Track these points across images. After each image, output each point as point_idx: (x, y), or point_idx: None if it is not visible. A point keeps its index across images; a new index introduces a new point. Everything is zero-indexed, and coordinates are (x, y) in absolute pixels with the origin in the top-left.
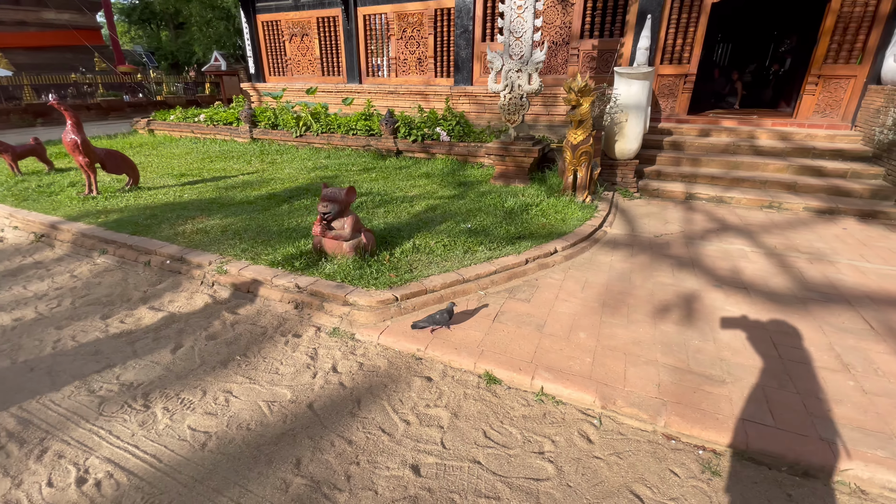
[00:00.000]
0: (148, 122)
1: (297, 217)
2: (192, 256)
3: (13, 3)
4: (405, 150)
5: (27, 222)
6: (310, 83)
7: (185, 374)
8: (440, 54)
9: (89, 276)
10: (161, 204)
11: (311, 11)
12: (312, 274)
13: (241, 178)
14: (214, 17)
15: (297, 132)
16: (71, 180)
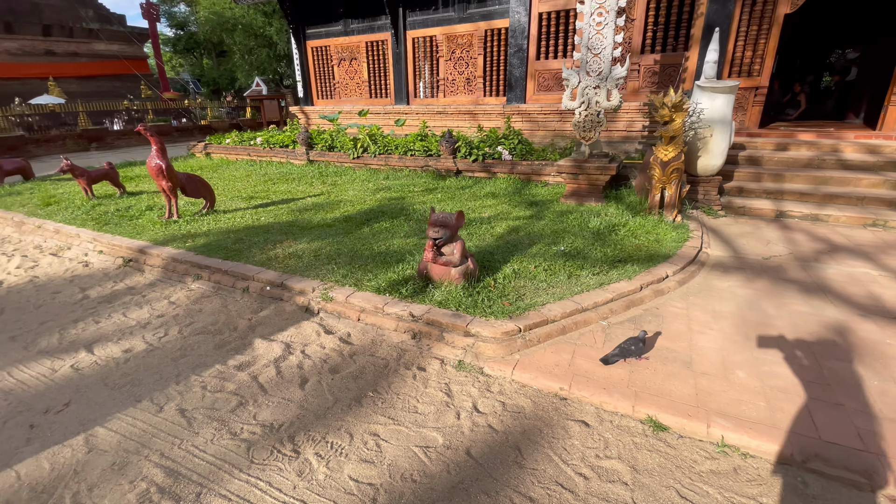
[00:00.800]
0: (205, 146)
1: (382, 241)
2: (293, 282)
3: (67, 35)
4: (465, 170)
5: (113, 247)
6: (357, 105)
7: (322, 412)
8: (490, 74)
9: (188, 303)
10: (242, 227)
11: (361, 36)
12: (423, 301)
13: (310, 201)
14: (256, 45)
15: (354, 154)
16: (148, 204)
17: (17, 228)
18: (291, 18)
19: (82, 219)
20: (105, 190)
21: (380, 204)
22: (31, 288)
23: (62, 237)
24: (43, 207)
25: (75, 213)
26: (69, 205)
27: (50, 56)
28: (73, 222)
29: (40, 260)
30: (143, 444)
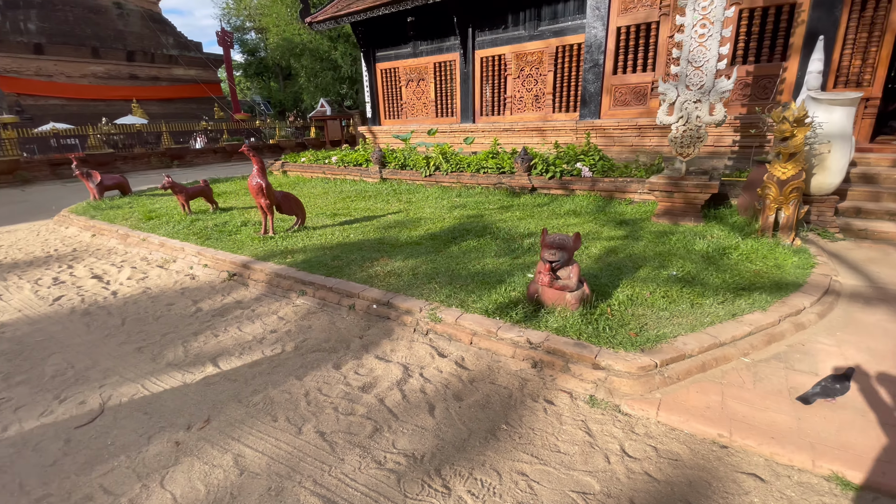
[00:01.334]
0: (282, 164)
1: (474, 260)
2: (399, 301)
3: (149, 61)
4: (540, 187)
5: (217, 261)
6: (424, 124)
7: (460, 444)
8: (560, 90)
9: (297, 319)
10: (334, 244)
11: (429, 57)
12: (538, 327)
13: (391, 218)
14: (322, 69)
15: (426, 172)
16: (242, 220)
17: (121, 241)
18: (363, 42)
19: (184, 233)
20: (199, 206)
21: (459, 222)
22: (146, 299)
23: (167, 250)
24: (145, 221)
25: (176, 227)
26: (169, 219)
27: (133, 80)
28: (176, 236)
29: (149, 272)
30: (293, 468)
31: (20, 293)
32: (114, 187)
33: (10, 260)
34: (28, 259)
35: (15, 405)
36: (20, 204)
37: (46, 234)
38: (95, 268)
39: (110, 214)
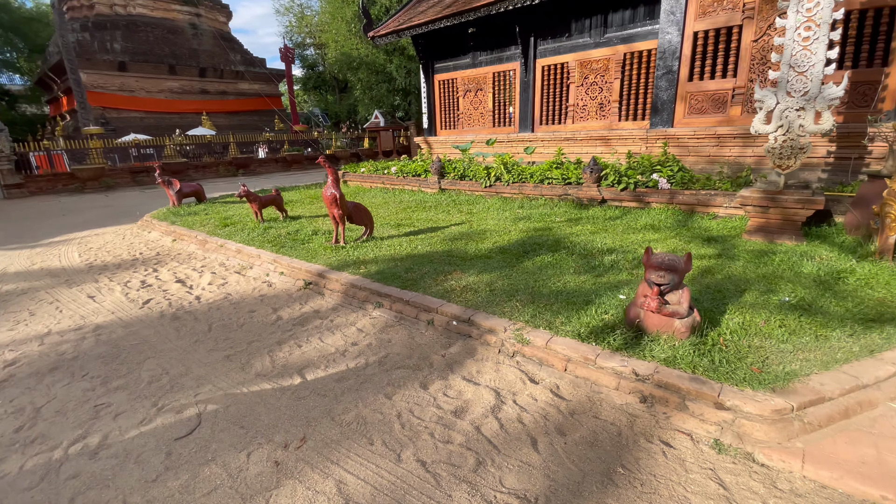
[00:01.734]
0: (343, 174)
1: (553, 277)
2: (481, 319)
3: (218, 76)
4: (611, 199)
5: (292, 269)
6: (481, 134)
7: (574, 488)
8: (627, 97)
9: (375, 332)
10: (404, 255)
11: (488, 67)
12: (643, 357)
13: (455, 230)
14: (377, 81)
15: (486, 182)
16: (313, 228)
17: (200, 246)
18: (422, 54)
19: (259, 240)
20: (268, 214)
21: (527, 235)
22: (228, 305)
23: (244, 257)
24: (221, 228)
25: (251, 234)
26: (244, 227)
27: (204, 94)
28: (251, 243)
29: (228, 278)
30: (399, 502)
31: (112, 295)
32: (191, 194)
33: (101, 262)
34: (116, 262)
35: (115, 412)
36: (106, 208)
37: (131, 237)
38: (178, 272)
39: (189, 220)
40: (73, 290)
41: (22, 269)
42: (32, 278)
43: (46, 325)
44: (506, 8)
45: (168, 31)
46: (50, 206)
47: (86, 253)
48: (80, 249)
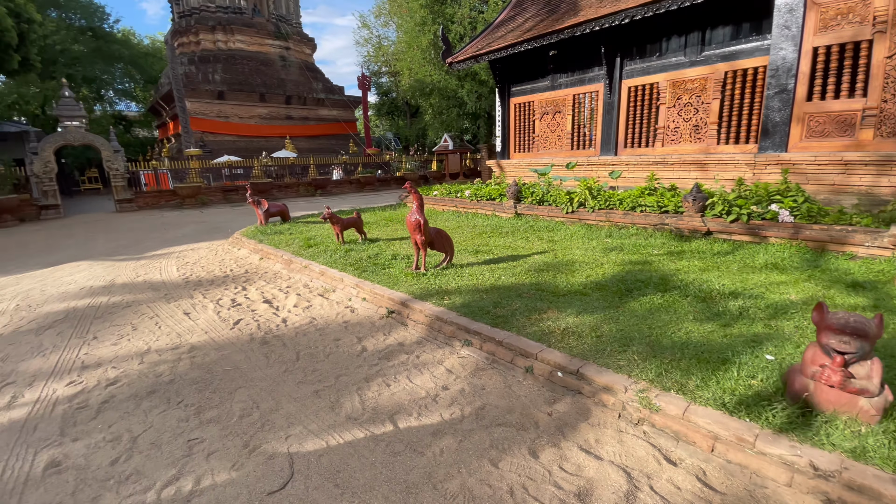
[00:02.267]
0: None
1: (670, 324)
2: (593, 373)
3: (301, 103)
4: (718, 231)
5: (375, 295)
6: (557, 157)
7: None
8: (727, 119)
9: (466, 374)
10: (488, 287)
11: (568, 90)
12: (818, 444)
13: (538, 259)
14: (448, 106)
15: (568, 208)
16: (392, 252)
17: (285, 266)
18: (499, 78)
19: (341, 263)
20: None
21: (624, 270)
22: (314, 331)
23: (327, 279)
24: (305, 248)
25: (333, 256)
26: (326, 248)
27: (288, 120)
28: (334, 265)
29: (312, 300)
30: None
31: (205, 313)
32: (276, 214)
33: (195, 278)
34: (209, 278)
35: (207, 449)
36: (200, 224)
37: (223, 254)
38: (265, 292)
39: (275, 239)
40: (171, 305)
41: (128, 280)
42: (136, 291)
43: (146, 341)
44: (592, 29)
45: (261, 63)
46: (154, 220)
47: (183, 267)
48: (178, 263)
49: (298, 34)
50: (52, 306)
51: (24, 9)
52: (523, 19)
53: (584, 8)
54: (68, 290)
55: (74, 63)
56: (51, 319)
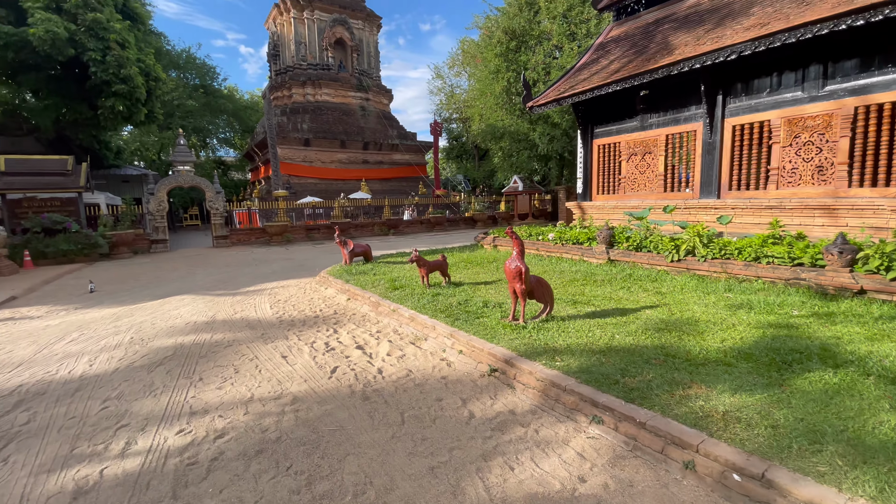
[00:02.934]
0: (494, 239)
1: (865, 415)
2: (788, 482)
3: (377, 149)
4: (875, 291)
5: (472, 349)
6: (647, 199)
7: None
8: (861, 159)
9: (604, 464)
10: (603, 347)
11: (660, 130)
12: None
13: (651, 315)
14: (519, 148)
15: (673, 256)
16: (482, 299)
17: (373, 308)
18: (581, 120)
19: (430, 308)
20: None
21: (766, 334)
22: (413, 386)
23: (417, 326)
24: (392, 291)
25: (420, 300)
26: (412, 291)
27: (364, 164)
28: (423, 311)
29: (405, 349)
30: None
31: (301, 357)
32: (361, 254)
33: (288, 317)
34: (301, 317)
35: None
36: (287, 261)
37: (311, 292)
38: (357, 336)
39: (360, 279)
40: (269, 346)
41: (227, 317)
42: (235, 328)
43: (249, 387)
44: (691, 67)
45: (343, 113)
46: (245, 256)
47: (275, 305)
48: (271, 301)
49: (377, 86)
50: (161, 341)
51: (153, 69)
52: (607, 62)
53: (678, 46)
54: (175, 324)
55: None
56: (160, 355)
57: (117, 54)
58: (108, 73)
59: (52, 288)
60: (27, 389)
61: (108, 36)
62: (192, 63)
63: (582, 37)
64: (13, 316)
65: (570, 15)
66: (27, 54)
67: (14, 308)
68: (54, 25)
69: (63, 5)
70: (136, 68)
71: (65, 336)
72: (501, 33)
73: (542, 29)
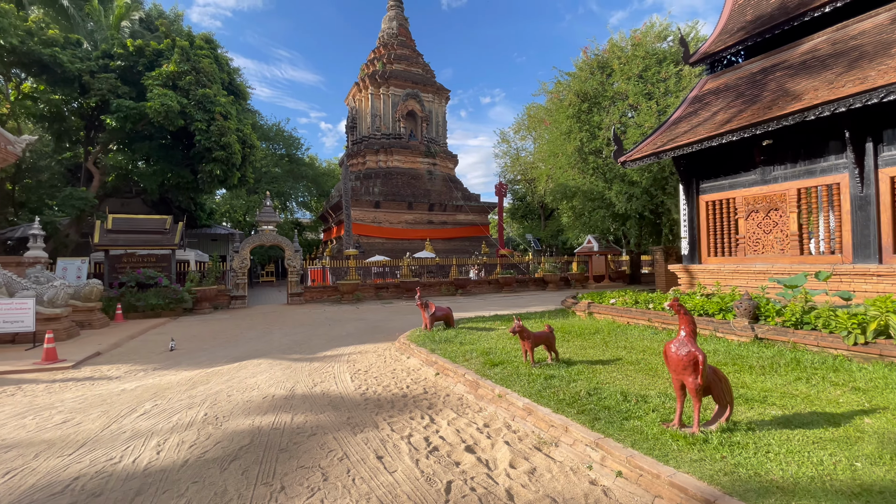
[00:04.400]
0: (588, 305)
1: None
2: None
3: (441, 210)
4: None
5: (639, 472)
6: (777, 264)
7: None
8: None
9: None
10: (852, 486)
11: (788, 183)
12: None
13: (878, 425)
14: (594, 208)
15: (856, 338)
16: (620, 388)
17: (471, 389)
18: (684, 174)
19: (550, 398)
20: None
21: None
22: None
23: (539, 423)
24: (489, 367)
25: (532, 384)
26: (515, 369)
27: (429, 224)
28: (542, 401)
29: (531, 458)
30: None
31: (400, 460)
32: (442, 318)
33: (373, 393)
34: (388, 395)
35: None
36: (360, 322)
37: (392, 361)
38: (461, 430)
39: (446, 349)
40: (358, 438)
41: (306, 391)
42: (317, 408)
43: None
44: (834, 110)
45: (411, 177)
46: (318, 314)
47: (356, 377)
48: (351, 371)
49: (444, 152)
50: (237, 422)
51: (249, 137)
52: (709, 113)
53: (805, 92)
54: (252, 397)
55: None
56: (236, 444)
57: (220, 124)
58: (210, 140)
59: (135, 344)
60: (83, 486)
61: (213, 108)
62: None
63: (660, 95)
64: (93, 375)
65: (646, 75)
66: (143, 126)
67: (96, 365)
68: (169, 100)
69: (178, 83)
70: (234, 136)
71: (137, 407)
72: (573, 96)
73: (616, 90)
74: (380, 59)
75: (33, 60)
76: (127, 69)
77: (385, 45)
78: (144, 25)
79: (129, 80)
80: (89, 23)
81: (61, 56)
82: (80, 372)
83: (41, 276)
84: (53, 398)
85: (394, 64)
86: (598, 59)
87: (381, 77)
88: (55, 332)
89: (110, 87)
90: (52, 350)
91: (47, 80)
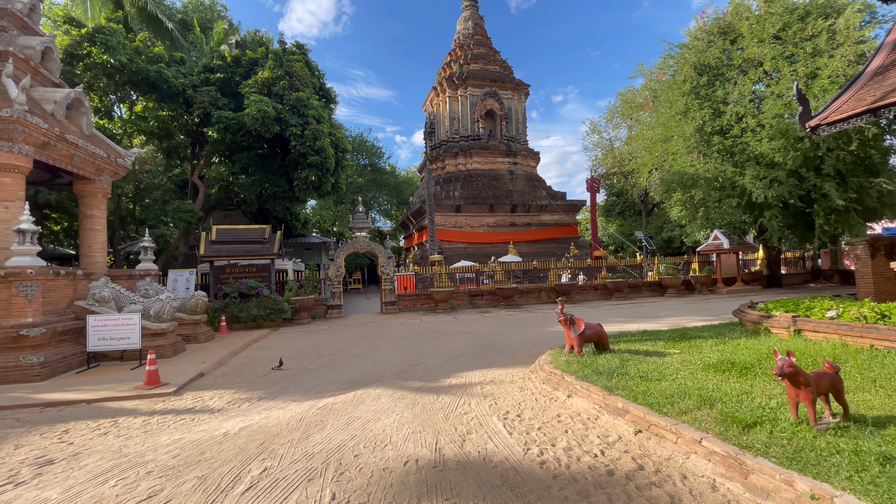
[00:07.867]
0: (794, 319)
1: None
2: None
3: (524, 211)
4: None
5: None
6: None
7: None
8: None
9: None
10: None
11: None
12: None
13: None
14: (721, 197)
15: None
16: None
17: (727, 470)
18: None
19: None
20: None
21: None
22: None
23: None
24: (740, 429)
25: (854, 470)
26: (788, 434)
27: (512, 226)
28: None
29: None
30: None
31: None
32: (592, 339)
33: (555, 463)
34: (581, 470)
35: None
36: (468, 335)
37: (547, 401)
38: None
39: (631, 388)
40: None
41: (456, 450)
42: (486, 489)
43: None
44: None
45: (492, 178)
46: (417, 325)
47: (512, 426)
48: (496, 412)
49: (525, 150)
50: None
51: (342, 141)
52: None
53: None
54: (388, 461)
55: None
56: None
57: (314, 128)
58: (305, 145)
59: (239, 362)
60: None
61: (307, 112)
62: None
63: (806, 57)
64: (194, 406)
65: (784, 35)
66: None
67: (198, 391)
68: (265, 105)
69: (272, 88)
70: (328, 140)
71: (242, 473)
72: (689, 69)
73: (745, 56)
74: (456, 60)
75: (141, 78)
76: (226, 81)
77: (461, 46)
78: (241, 48)
79: (228, 92)
80: (192, 52)
81: (166, 72)
82: (181, 400)
83: (150, 288)
84: (146, 444)
85: (471, 64)
86: (718, 24)
87: (459, 78)
88: (161, 348)
89: (211, 99)
90: (153, 373)
91: (154, 97)
